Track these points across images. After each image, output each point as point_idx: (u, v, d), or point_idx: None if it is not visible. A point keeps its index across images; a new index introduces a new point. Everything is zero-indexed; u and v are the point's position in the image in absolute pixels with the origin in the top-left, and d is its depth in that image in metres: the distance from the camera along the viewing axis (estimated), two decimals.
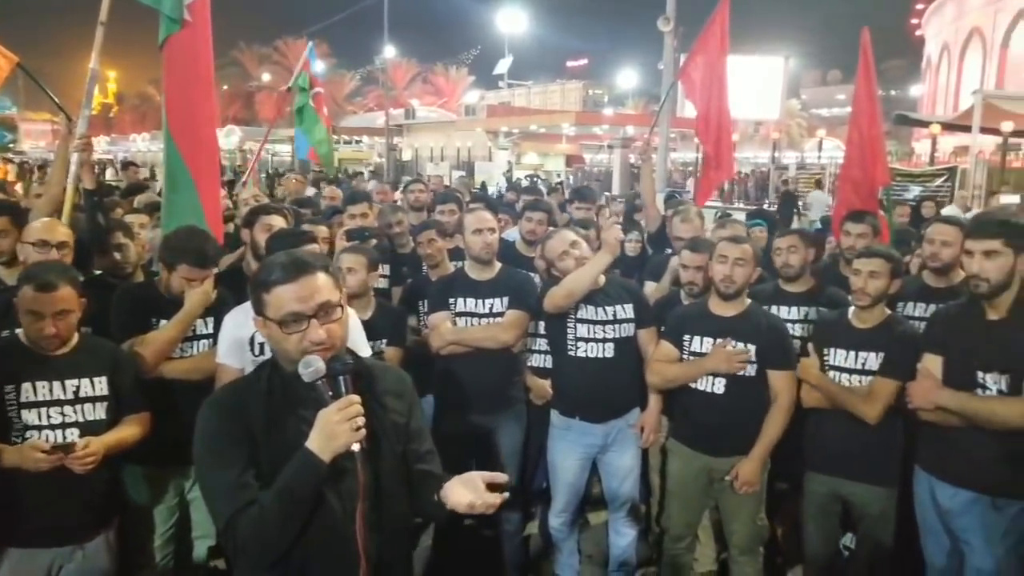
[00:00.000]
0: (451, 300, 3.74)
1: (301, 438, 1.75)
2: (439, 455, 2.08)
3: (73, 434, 2.65)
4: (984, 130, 15.92)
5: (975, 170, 15.98)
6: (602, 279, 3.64)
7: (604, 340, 3.59)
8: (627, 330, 3.63)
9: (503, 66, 54.90)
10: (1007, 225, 2.82)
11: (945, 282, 3.68)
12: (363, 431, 1.74)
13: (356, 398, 1.76)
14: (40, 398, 2.63)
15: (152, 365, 3.04)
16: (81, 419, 2.69)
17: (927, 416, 2.99)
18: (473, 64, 73.21)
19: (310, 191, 9.63)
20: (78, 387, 2.69)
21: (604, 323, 3.59)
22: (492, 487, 1.85)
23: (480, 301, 3.71)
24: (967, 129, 16.25)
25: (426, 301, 3.98)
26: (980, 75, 30.23)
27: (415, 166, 32.94)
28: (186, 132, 3.94)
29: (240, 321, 2.90)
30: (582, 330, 3.60)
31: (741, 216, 6.55)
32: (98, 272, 3.67)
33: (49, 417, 2.64)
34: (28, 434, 2.60)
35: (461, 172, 25.10)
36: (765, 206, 13.43)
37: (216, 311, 3.21)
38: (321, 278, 1.82)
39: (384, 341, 3.61)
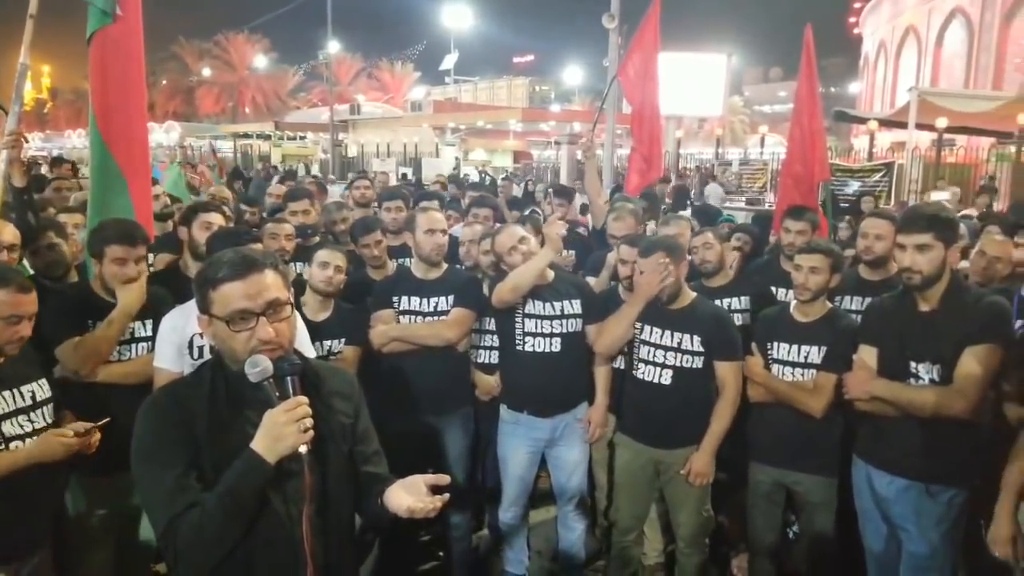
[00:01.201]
0: (395, 298, 3.70)
1: (246, 440, 1.71)
2: (385, 455, 2.06)
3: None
4: (920, 126, 16.40)
5: (911, 166, 16.46)
6: (551, 275, 3.68)
7: (551, 335, 3.61)
8: (575, 325, 3.65)
9: (449, 62, 54.82)
10: (936, 219, 2.89)
11: (880, 275, 3.78)
12: (311, 433, 1.71)
13: (304, 399, 1.73)
14: (11, 408, 2.55)
15: (89, 368, 2.94)
16: (40, 424, 2.61)
17: (863, 406, 3.07)
18: (419, 60, 72.93)
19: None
20: (34, 392, 2.62)
21: (552, 318, 3.61)
22: (436, 489, 1.82)
23: (425, 300, 3.68)
24: (904, 125, 16.72)
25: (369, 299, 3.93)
26: (915, 73, 31.15)
27: (361, 162, 32.53)
28: (116, 128, 3.82)
29: (178, 323, 2.83)
30: (530, 325, 3.61)
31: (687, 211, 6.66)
32: (30, 274, 3.54)
33: (22, 427, 2.56)
34: (13, 445, 2.51)
35: (407, 168, 24.92)
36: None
37: (154, 313, 3.11)
38: (270, 276, 1.79)
39: (343, 340, 3.57)
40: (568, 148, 20.07)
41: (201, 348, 2.82)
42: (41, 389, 2.65)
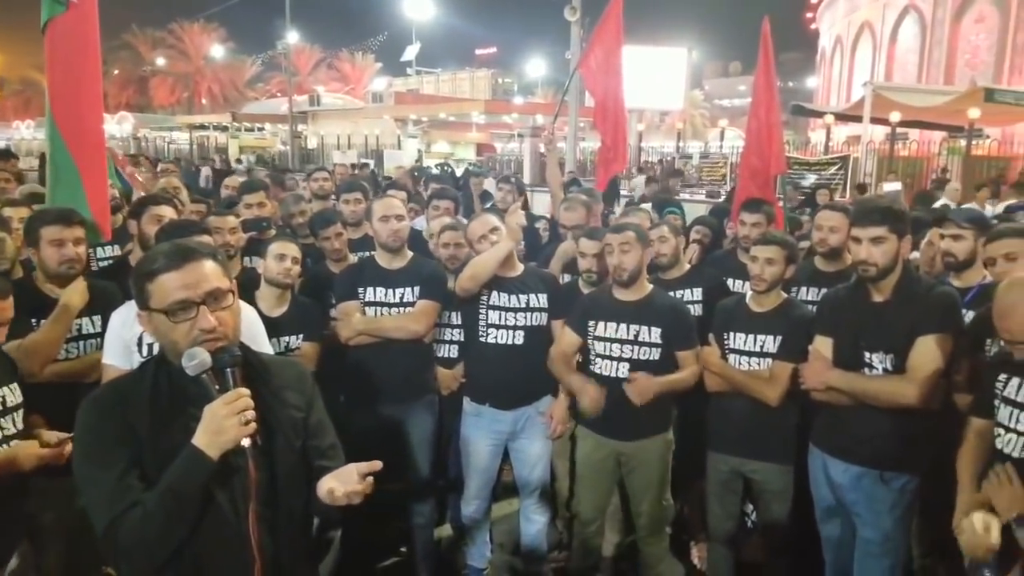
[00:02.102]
0: (360, 289, 3.66)
1: (189, 437, 1.67)
2: (349, 447, 2.03)
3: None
4: (874, 120, 16.71)
5: (865, 159, 16.79)
6: (520, 267, 3.69)
7: (515, 327, 3.61)
8: (539, 319, 3.65)
9: (411, 53, 54.35)
10: (890, 212, 2.94)
11: (835, 266, 3.83)
12: (253, 425, 1.68)
13: (245, 391, 1.70)
14: None
15: (39, 368, 2.86)
16: (10, 431, 2.53)
17: (819, 396, 3.11)
18: (380, 51, 72.22)
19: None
20: (4, 398, 2.54)
21: (516, 310, 3.61)
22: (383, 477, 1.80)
23: (390, 290, 3.64)
24: (859, 119, 17.01)
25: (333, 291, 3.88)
26: (870, 68, 31.77)
27: (321, 154, 32.14)
28: (71, 119, 3.71)
29: (127, 319, 2.75)
30: (493, 316, 3.61)
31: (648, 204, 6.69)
32: None
33: (3, 429, 2.48)
34: None
35: (369, 160, 24.69)
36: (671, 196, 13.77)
37: (104, 308, 3.04)
38: (208, 265, 1.76)
39: (301, 336, 3.52)
40: (531, 140, 20.10)
41: (151, 346, 2.74)
42: (12, 394, 2.57)
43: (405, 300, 3.64)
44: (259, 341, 2.70)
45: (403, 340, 3.59)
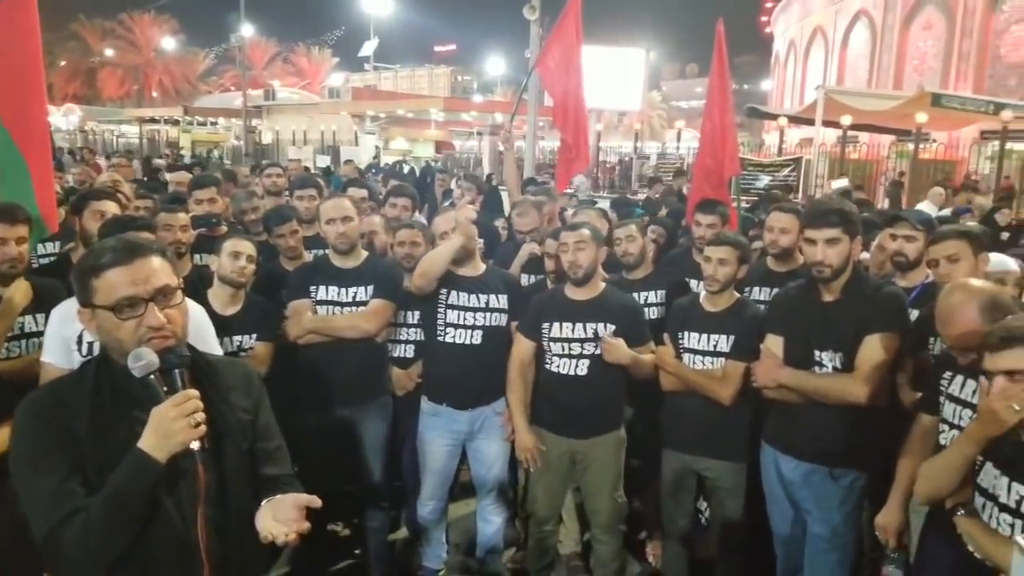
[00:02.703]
0: (312, 288, 3.60)
1: (133, 440, 1.61)
2: (300, 449, 1.99)
3: None
4: (826, 123, 17.08)
5: (817, 161, 17.15)
6: (482, 267, 3.67)
7: (473, 327, 3.59)
8: (498, 319, 3.64)
9: (368, 48, 53.93)
10: (843, 213, 3.00)
11: (786, 266, 3.88)
12: (203, 428, 1.63)
13: (194, 392, 1.65)
14: None
15: None
16: None
17: (770, 394, 3.16)
18: (337, 46, 71.53)
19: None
20: None
21: (475, 310, 3.59)
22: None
23: (343, 289, 3.59)
24: (811, 122, 17.36)
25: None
26: (823, 71, 32.42)
27: (276, 150, 31.67)
28: (14, 111, 3.59)
29: (67, 316, 2.65)
30: (452, 316, 3.59)
31: (605, 203, 6.73)
32: None
33: None
34: None
35: (326, 156, 24.41)
36: (628, 195, 13.84)
37: (48, 306, 2.92)
38: (156, 261, 1.71)
39: (254, 336, 3.46)
40: (490, 139, 20.11)
41: (91, 344, 2.65)
42: None
43: (358, 299, 3.59)
44: (208, 341, 2.63)
45: (355, 340, 3.54)
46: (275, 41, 68.33)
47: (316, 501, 1.74)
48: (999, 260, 3.52)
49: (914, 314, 3.16)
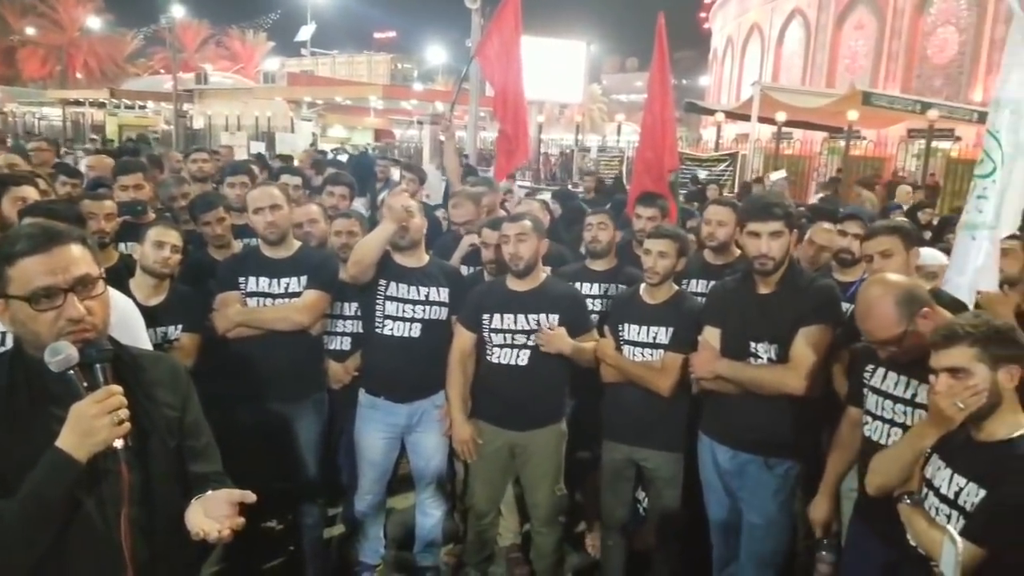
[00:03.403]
0: (242, 279, 3.48)
1: (51, 439, 1.53)
2: (231, 446, 1.93)
3: None
4: (762, 119, 17.46)
5: (753, 156, 17.52)
6: (425, 258, 3.61)
7: (412, 320, 3.52)
8: (439, 313, 3.58)
9: (305, 33, 52.92)
10: (784, 207, 3.06)
11: (723, 259, 3.94)
12: (127, 426, 1.56)
13: (117, 388, 1.58)
14: None
15: None
16: None
17: (708, 385, 3.20)
18: (272, 30, 69.82)
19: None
20: None
21: (415, 303, 3.53)
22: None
23: (275, 280, 3.47)
24: (747, 118, 17.74)
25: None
26: (759, 68, 33.16)
27: (208, 135, 30.77)
28: None
29: None
30: (391, 308, 3.52)
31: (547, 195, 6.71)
32: None
33: None
34: None
35: (261, 142, 23.82)
36: (569, 186, 13.92)
37: None
38: (76, 249, 1.63)
39: (180, 327, 3.33)
40: (431, 128, 19.90)
41: (4, 335, 2.50)
42: None
43: (291, 291, 3.48)
44: (136, 335, 2.51)
45: (288, 333, 3.44)
46: (207, 23, 66.30)
47: (250, 496, 1.69)
48: (932, 254, 3.63)
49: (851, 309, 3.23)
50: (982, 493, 2.04)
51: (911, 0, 26.22)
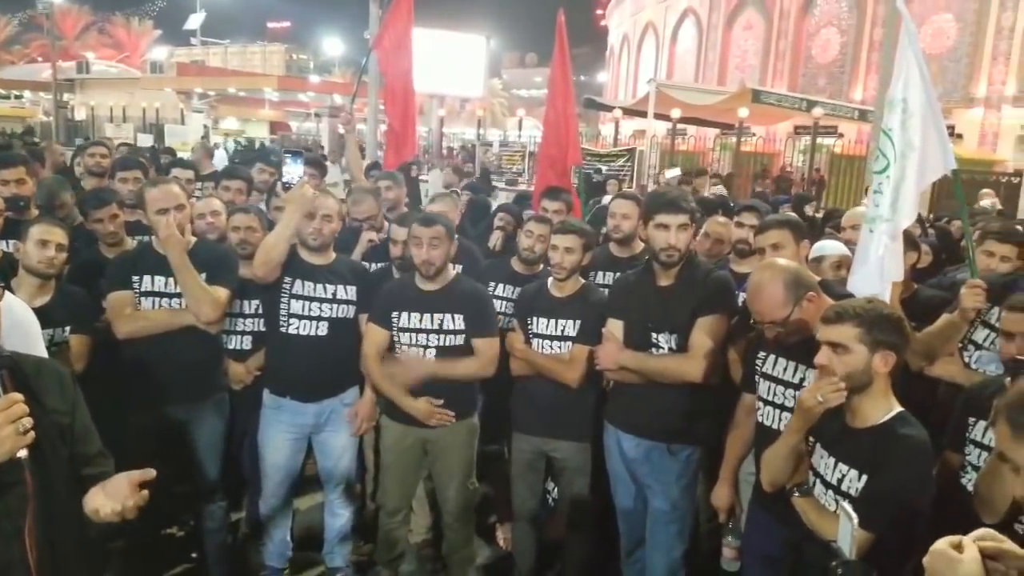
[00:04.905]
0: (136, 278, 3.33)
1: None
2: (127, 452, 1.86)
3: None
4: (657, 116, 17.98)
5: (650, 152, 17.99)
6: (332, 256, 3.54)
7: (319, 318, 3.46)
8: (346, 311, 3.53)
9: (195, 21, 50.74)
10: (689, 201, 3.17)
11: (627, 252, 4.05)
12: (32, 435, 1.50)
13: (19, 396, 1.51)
14: None
15: None
16: None
17: (612, 376, 3.29)
18: (159, 17, 66.52)
19: None
20: None
21: (321, 301, 3.46)
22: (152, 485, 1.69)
23: (171, 279, 3.33)
24: (644, 115, 18.23)
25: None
26: (654, 66, 34.06)
27: (92, 127, 29.10)
28: None
29: None
30: (296, 306, 3.44)
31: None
32: None
33: None
34: None
35: (149, 135, 22.74)
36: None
37: None
38: None
39: (68, 328, 3.16)
40: (329, 121, 19.47)
41: None
42: None
43: None
44: (31, 343, 2.36)
45: (186, 332, 3.31)
46: (89, 9, 62.62)
47: (150, 473, 1.67)
48: (834, 246, 3.83)
49: None
50: (863, 479, 2.18)
51: (796, 2, 27.52)
